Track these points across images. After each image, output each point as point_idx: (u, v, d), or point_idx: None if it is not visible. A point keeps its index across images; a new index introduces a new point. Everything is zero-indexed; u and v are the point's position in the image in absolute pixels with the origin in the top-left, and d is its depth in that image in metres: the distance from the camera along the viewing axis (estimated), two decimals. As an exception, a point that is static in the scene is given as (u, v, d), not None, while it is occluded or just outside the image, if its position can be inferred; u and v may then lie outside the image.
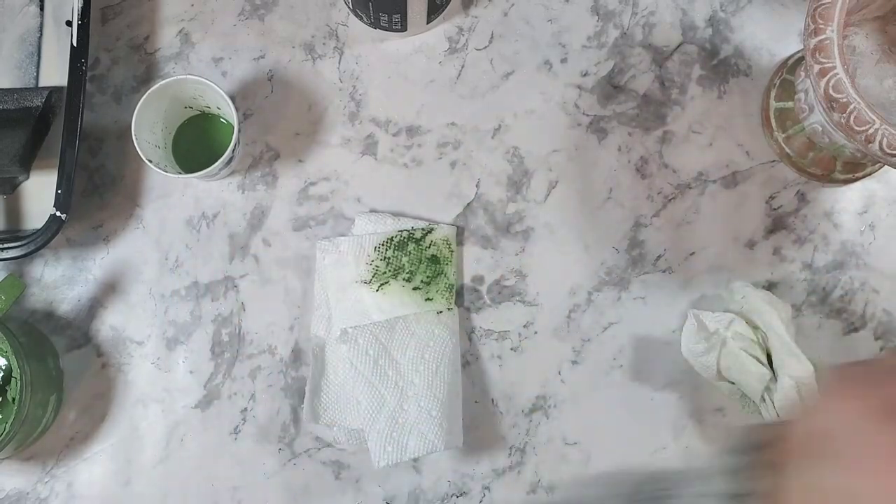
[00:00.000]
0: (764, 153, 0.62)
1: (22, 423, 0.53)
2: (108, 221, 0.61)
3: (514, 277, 0.61)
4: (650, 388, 0.60)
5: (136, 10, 0.64)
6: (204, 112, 0.62)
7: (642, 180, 0.62)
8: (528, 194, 0.62)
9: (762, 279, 0.61)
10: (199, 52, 0.63)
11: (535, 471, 0.59)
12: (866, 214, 0.62)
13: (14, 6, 0.62)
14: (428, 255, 0.57)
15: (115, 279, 0.61)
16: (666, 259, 0.61)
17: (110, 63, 0.63)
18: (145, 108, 0.56)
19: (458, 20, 0.64)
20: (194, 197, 0.62)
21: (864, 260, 0.61)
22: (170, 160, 0.60)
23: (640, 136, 0.63)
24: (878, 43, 0.57)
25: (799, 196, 0.62)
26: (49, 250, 0.60)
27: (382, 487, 0.59)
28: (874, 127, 0.48)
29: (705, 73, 0.63)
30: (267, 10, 0.64)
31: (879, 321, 0.61)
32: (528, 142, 0.62)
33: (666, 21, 0.64)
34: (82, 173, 0.61)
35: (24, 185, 0.61)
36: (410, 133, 0.63)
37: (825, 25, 0.49)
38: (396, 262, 0.58)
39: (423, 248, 0.58)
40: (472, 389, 0.60)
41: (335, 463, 0.59)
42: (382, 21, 0.61)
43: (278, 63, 0.63)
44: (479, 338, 0.60)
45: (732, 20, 0.64)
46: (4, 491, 0.58)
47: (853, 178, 0.62)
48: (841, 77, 0.48)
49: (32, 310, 0.61)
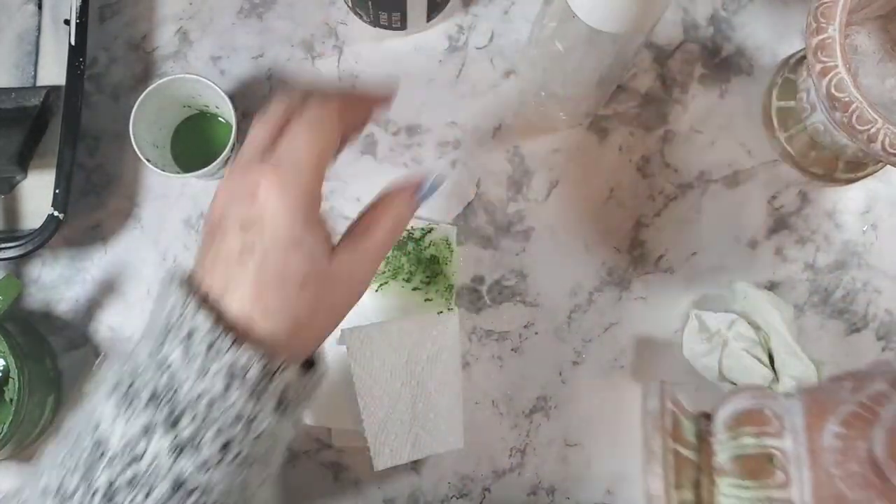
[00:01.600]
0: (766, 152, 0.62)
1: (20, 423, 0.53)
2: (106, 221, 0.61)
3: (514, 277, 0.61)
4: (651, 389, 0.59)
5: (134, 8, 0.64)
6: (202, 111, 0.61)
7: (643, 180, 0.62)
8: (529, 194, 0.62)
9: (764, 279, 0.61)
10: (197, 50, 0.63)
11: (535, 472, 0.59)
12: (868, 214, 0.62)
13: (12, 5, 0.62)
14: (427, 256, 0.57)
15: (113, 279, 0.61)
16: (667, 259, 0.61)
17: (108, 62, 0.63)
18: (143, 107, 0.56)
19: (459, 19, 0.64)
20: (192, 196, 0.62)
21: (867, 260, 0.61)
22: (168, 159, 0.60)
23: (642, 135, 0.62)
24: (881, 42, 0.56)
25: (801, 196, 0.62)
26: (47, 250, 0.60)
27: (382, 489, 0.58)
28: (876, 126, 0.48)
29: (707, 72, 0.63)
30: (266, 8, 0.64)
31: (882, 321, 0.61)
32: (529, 141, 0.62)
33: (667, 19, 0.63)
34: (80, 173, 0.61)
35: (22, 184, 0.60)
36: (410, 132, 0.62)
37: (827, 24, 0.49)
38: (395, 262, 0.58)
39: (422, 247, 0.58)
40: (473, 390, 0.59)
41: (335, 464, 0.59)
42: (382, 19, 0.61)
43: (277, 62, 0.63)
44: (479, 338, 0.60)
45: (734, 19, 0.64)
46: (2, 491, 0.58)
47: (855, 177, 0.61)
48: (843, 76, 0.48)
49: (30, 310, 0.60)
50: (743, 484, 0.34)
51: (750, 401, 0.37)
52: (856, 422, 0.33)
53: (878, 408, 0.33)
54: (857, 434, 0.33)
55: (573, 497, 0.59)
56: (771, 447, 0.34)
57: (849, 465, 0.32)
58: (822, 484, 0.33)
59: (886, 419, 0.33)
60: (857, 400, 0.34)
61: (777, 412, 0.36)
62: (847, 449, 0.33)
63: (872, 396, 0.34)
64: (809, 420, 0.35)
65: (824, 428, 0.34)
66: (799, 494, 0.33)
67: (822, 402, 0.35)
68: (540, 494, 0.59)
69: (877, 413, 0.33)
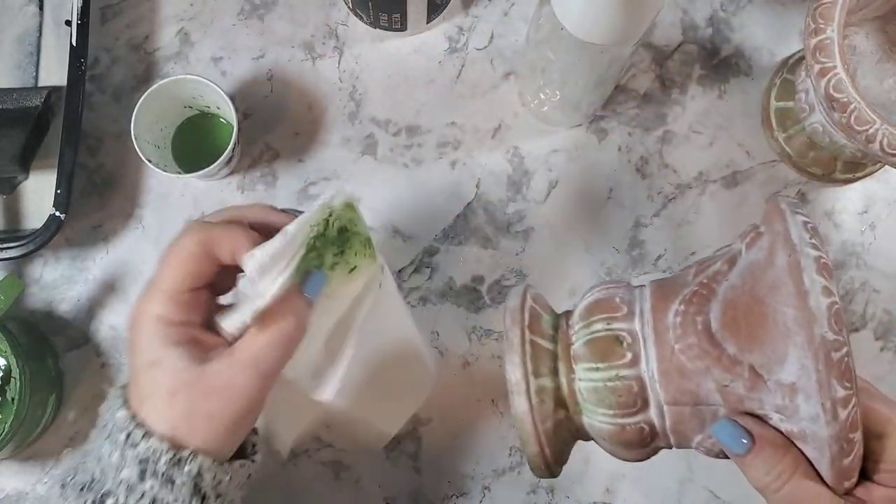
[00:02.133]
0: (764, 153, 0.62)
1: (21, 423, 0.53)
2: (108, 221, 0.61)
3: (514, 277, 0.61)
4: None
5: (135, 9, 0.64)
6: (203, 112, 0.62)
7: (642, 180, 0.62)
8: (528, 194, 0.62)
9: (762, 279, 0.61)
10: (198, 51, 0.63)
11: (535, 471, 0.59)
12: (866, 214, 0.62)
13: (13, 6, 0.62)
14: (334, 234, 0.42)
15: (115, 279, 0.61)
16: (666, 259, 0.61)
17: (110, 63, 0.63)
18: (145, 108, 0.56)
19: (458, 20, 0.64)
20: (193, 197, 0.62)
21: (865, 260, 0.61)
22: (169, 160, 0.60)
23: (641, 135, 0.62)
24: (879, 42, 0.56)
25: (799, 196, 0.62)
26: (48, 250, 0.60)
27: (382, 488, 0.59)
28: (874, 127, 0.48)
29: (706, 72, 0.63)
30: (266, 9, 0.64)
31: (880, 321, 0.61)
32: (528, 142, 0.62)
33: (666, 20, 0.64)
34: (81, 173, 0.61)
35: (24, 184, 0.60)
36: (410, 133, 0.62)
37: (825, 25, 0.49)
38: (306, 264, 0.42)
39: (328, 233, 0.41)
40: (473, 389, 0.60)
41: (335, 463, 0.59)
42: (382, 21, 0.61)
43: (278, 63, 0.63)
44: (478, 338, 0.60)
45: (733, 20, 0.64)
46: (4, 491, 0.58)
47: (853, 177, 0.62)
48: (841, 77, 0.48)
49: (32, 310, 0.60)
50: (595, 366, 0.37)
51: (603, 291, 0.40)
52: (695, 299, 0.36)
53: (714, 285, 0.36)
54: (696, 310, 0.35)
55: (573, 496, 0.59)
56: (619, 330, 0.37)
57: (688, 338, 0.35)
58: (666, 358, 0.35)
59: (721, 294, 0.35)
60: (698, 281, 0.37)
61: (626, 299, 0.38)
62: (686, 324, 0.35)
63: (711, 276, 0.37)
64: (655, 303, 0.37)
65: (668, 308, 0.36)
66: (646, 370, 0.36)
67: (667, 287, 0.38)
68: (539, 493, 0.59)
69: (713, 290, 0.36)
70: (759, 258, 0.35)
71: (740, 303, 0.34)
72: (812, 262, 0.31)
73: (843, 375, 0.30)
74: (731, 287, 0.35)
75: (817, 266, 0.31)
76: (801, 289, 0.31)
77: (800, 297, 0.31)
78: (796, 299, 0.31)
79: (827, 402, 0.30)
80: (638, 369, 0.36)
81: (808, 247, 0.32)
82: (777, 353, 0.32)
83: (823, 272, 0.31)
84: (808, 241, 0.32)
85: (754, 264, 0.35)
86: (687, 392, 0.35)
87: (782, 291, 0.32)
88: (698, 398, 0.35)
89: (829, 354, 0.30)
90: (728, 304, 0.35)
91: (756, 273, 0.34)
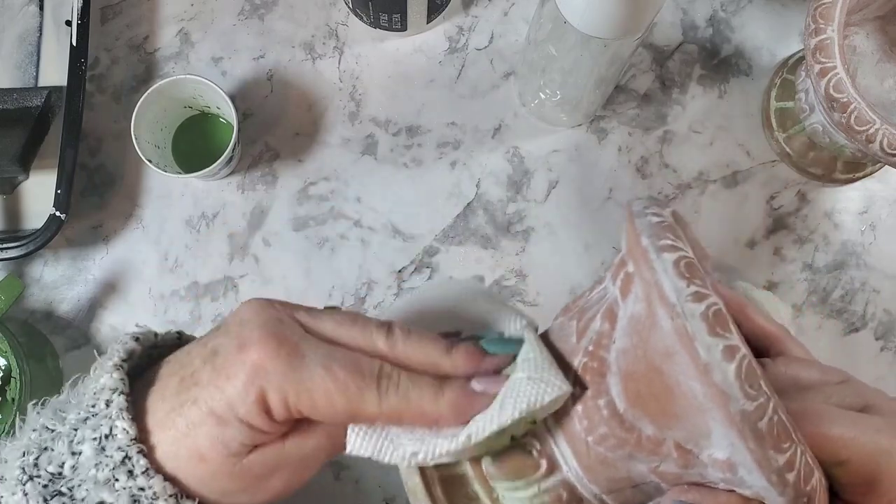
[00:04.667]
0: (764, 153, 0.62)
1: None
2: (108, 221, 0.61)
3: (514, 277, 0.61)
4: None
5: (135, 9, 0.64)
6: (203, 112, 0.62)
7: (643, 180, 0.62)
8: (528, 194, 0.62)
9: (763, 279, 0.61)
10: (198, 51, 0.63)
11: (535, 471, 0.59)
12: (867, 214, 0.62)
13: (13, 6, 0.62)
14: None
15: (115, 279, 0.61)
16: (666, 259, 0.61)
17: (110, 63, 0.63)
18: (145, 108, 0.56)
19: (459, 20, 0.64)
20: (194, 197, 0.62)
21: (865, 260, 0.61)
22: (169, 160, 0.60)
23: (641, 135, 0.62)
24: (879, 43, 0.56)
25: (799, 196, 0.62)
26: (48, 250, 0.60)
27: (382, 488, 0.59)
28: (875, 127, 0.48)
29: (706, 72, 0.63)
30: (267, 9, 0.64)
31: (880, 321, 0.61)
32: (528, 142, 0.62)
33: (666, 20, 0.64)
34: (82, 173, 0.61)
35: (24, 184, 0.60)
36: (410, 133, 0.62)
37: (826, 25, 0.49)
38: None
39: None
40: (472, 389, 0.60)
41: (335, 463, 0.59)
42: (382, 21, 0.61)
43: (278, 63, 0.63)
44: (479, 338, 0.60)
45: (733, 20, 0.64)
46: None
47: (854, 177, 0.62)
48: (841, 77, 0.48)
49: (32, 310, 0.60)
50: (514, 484, 0.31)
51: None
52: (588, 376, 0.30)
53: (602, 353, 0.30)
54: (595, 392, 0.30)
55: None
56: (521, 437, 0.32)
57: (598, 428, 0.30)
58: (583, 454, 0.30)
59: (613, 363, 0.30)
60: (584, 347, 0.31)
61: None
62: (590, 412, 0.30)
63: (595, 340, 0.31)
64: None
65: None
66: (569, 469, 0.31)
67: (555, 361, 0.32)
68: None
69: (604, 360, 0.30)
70: (639, 312, 0.29)
71: (638, 374, 0.29)
72: (700, 323, 0.26)
73: (780, 439, 0.26)
74: (623, 352, 0.29)
75: (707, 325, 0.26)
76: (698, 363, 0.25)
77: (701, 372, 0.26)
78: (697, 373, 0.26)
79: (773, 477, 0.26)
80: (560, 474, 0.31)
81: (689, 299, 0.26)
82: (699, 427, 0.27)
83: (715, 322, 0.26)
84: (686, 293, 0.26)
85: (637, 321, 0.29)
86: (620, 479, 0.31)
87: (678, 361, 0.27)
88: (633, 481, 0.31)
89: (755, 428, 0.25)
90: (626, 376, 0.29)
91: (642, 333, 0.28)
